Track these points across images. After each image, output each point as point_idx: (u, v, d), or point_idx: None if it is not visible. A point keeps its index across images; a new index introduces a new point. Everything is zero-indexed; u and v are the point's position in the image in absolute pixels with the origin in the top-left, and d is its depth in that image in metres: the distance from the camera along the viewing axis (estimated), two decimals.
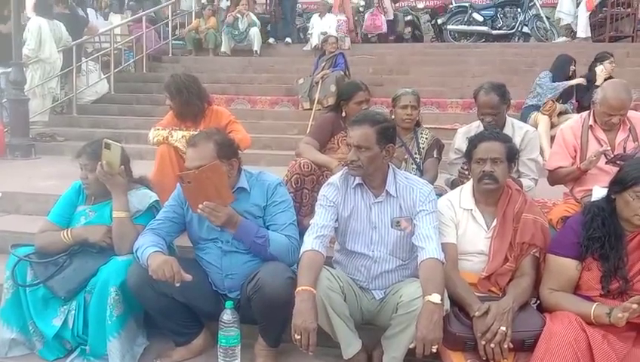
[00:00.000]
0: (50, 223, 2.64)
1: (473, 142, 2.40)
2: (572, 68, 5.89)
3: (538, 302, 2.35)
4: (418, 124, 3.29)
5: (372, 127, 2.29)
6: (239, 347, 2.40)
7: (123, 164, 2.55)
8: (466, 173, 2.73)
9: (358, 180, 2.35)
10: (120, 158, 2.52)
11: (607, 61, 5.88)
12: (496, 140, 2.37)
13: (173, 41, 10.11)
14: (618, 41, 9.98)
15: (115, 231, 2.50)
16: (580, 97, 5.94)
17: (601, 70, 5.77)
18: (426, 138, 3.27)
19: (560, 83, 5.71)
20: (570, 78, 5.88)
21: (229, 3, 10.56)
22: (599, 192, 2.45)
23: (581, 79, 5.87)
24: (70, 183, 2.74)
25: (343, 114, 3.26)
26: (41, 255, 2.56)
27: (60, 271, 2.50)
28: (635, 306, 1.92)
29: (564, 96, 5.83)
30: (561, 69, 5.87)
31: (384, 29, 9.94)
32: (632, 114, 2.92)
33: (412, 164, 3.21)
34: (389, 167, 2.38)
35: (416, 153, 3.24)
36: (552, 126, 5.48)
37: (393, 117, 3.24)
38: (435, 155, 3.22)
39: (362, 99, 3.26)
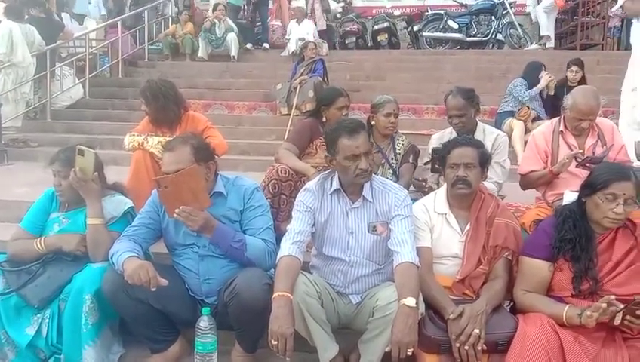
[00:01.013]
0: (23, 231, 2.60)
1: (447, 147, 2.44)
2: (543, 73, 6.03)
3: (511, 304, 2.40)
4: (395, 130, 3.33)
5: (365, 132, 2.34)
6: (216, 353, 2.39)
7: (97, 170, 2.52)
8: (423, 182, 2.88)
9: (335, 185, 2.37)
10: (94, 164, 2.49)
11: (569, 69, 6.08)
12: (469, 146, 2.41)
13: (150, 46, 10.03)
14: (589, 48, 10.24)
15: (90, 238, 2.47)
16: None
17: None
18: (403, 144, 3.32)
19: (533, 90, 5.85)
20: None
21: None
22: (570, 196, 2.52)
23: (546, 80, 5.98)
24: (44, 190, 2.70)
25: (324, 119, 3.27)
26: (14, 263, 2.52)
27: (33, 280, 2.46)
28: (604, 305, 1.96)
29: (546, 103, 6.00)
30: (531, 75, 6.01)
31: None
32: (600, 120, 3.00)
33: (388, 169, 3.25)
34: None
35: (392, 158, 3.27)
36: (526, 131, 5.59)
37: (373, 123, 3.28)
38: (410, 161, 3.27)
39: (343, 104, 3.28)
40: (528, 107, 5.74)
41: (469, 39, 10.31)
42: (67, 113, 7.62)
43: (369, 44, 10.89)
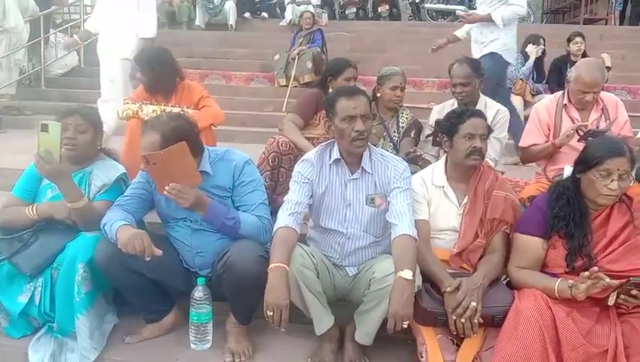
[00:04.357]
0: (15, 198, 2.55)
1: (461, 116, 2.37)
2: (542, 47, 5.93)
3: (508, 278, 2.39)
4: (400, 104, 3.28)
5: (366, 98, 2.29)
6: (211, 324, 2.40)
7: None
8: (419, 153, 2.87)
9: (335, 155, 2.32)
10: (60, 140, 2.28)
11: (572, 42, 6.00)
12: (481, 117, 2.38)
13: None
14: (592, 23, 10.11)
15: (77, 218, 2.40)
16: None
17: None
18: (407, 118, 3.28)
19: (525, 66, 5.76)
20: (540, 57, 5.94)
21: None
22: (570, 171, 2.48)
23: (533, 50, 5.86)
24: None
25: (330, 90, 3.17)
26: (5, 231, 2.48)
27: (25, 248, 2.42)
28: (586, 274, 1.95)
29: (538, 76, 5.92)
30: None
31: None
32: (604, 94, 2.96)
33: (389, 142, 3.22)
34: None
35: (394, 132, 3.24)
36: (526, 106, 5.54)
37: (379, 95, 3.22)
38: (412, 135, 3.23)
39: (351, 75, 3.21)
40: (522, 80, 5.67)
41: (471, 11, 10.14)
42: (62, 81, 7.53)
43: (369, 15, 10.73)
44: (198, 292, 2.33)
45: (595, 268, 1.97)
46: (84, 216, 2.39)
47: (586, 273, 1.96)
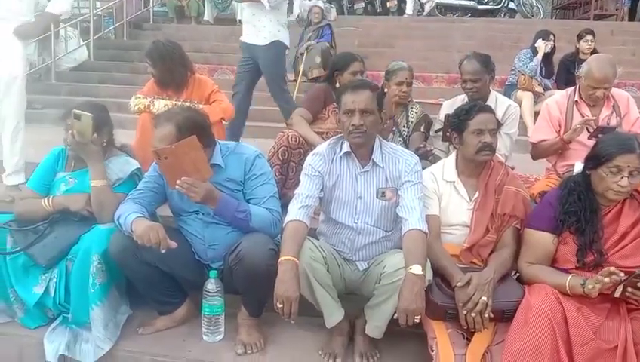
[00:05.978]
0: (30, 190, 2.60)
1: (469, 112, 2.37)
2: (551, 43, 5.90)
3: (518, 273, 2.39)
4: (409, 99, 3.28)
5: (372, 92, 2.29)
6: (223, 316, 2.42)
7: (96, 131, 2.46)
8: (429, 148, 2.87)
9: (346, 148, 2.33)
10: (92, 127, 2.43)
11: (583, 39, 5.97)
12: (490, 112, 2.39)
13: (155, 8, 9.87)
14: (602, 19, 10.03)
15: (94, 200, 2.45)
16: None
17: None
18: (416, 113, 3.28)
19: (533, 62, 5.73)
20: (549, 53, 5.91)
21: None
22: (581, 168, 2.48)
23: (542, 46, 5.84)
24: (49, 151, 2.68)
25: (337, 84, 3.19)
26: (21, 222, 2.52)
27: (40, 239, 2.46)
28: (606, 280, 1.95)
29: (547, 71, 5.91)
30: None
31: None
32: (616, 91, 2.95)
33: (399, 137, 3.22)
34: (375, 136, 2.36)
35: (404, 127, 3.24)
36: (536, 102, 5.53)
37: (386, 90, 3.23)
38: (422, 130, 3.24)
39: (358, 69, 3.22)
40: (523, 74, 5.64)
41: (480, 7, 10.12)
42: (71, 75, 7.57)
43: (378, 10, 10.69)
44: (211, 285, 2.35)
45: (612, 268, 1.97)
46: (102, 199, 2.44)
47: (606, 279, 1.95)
